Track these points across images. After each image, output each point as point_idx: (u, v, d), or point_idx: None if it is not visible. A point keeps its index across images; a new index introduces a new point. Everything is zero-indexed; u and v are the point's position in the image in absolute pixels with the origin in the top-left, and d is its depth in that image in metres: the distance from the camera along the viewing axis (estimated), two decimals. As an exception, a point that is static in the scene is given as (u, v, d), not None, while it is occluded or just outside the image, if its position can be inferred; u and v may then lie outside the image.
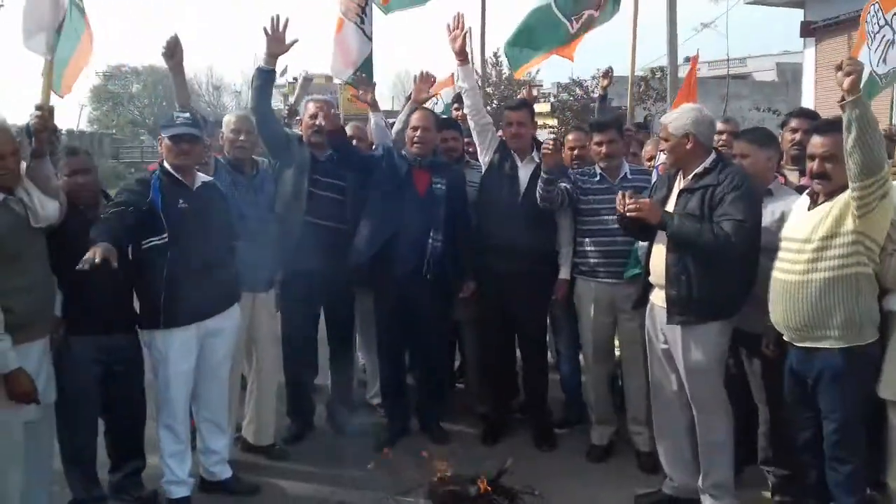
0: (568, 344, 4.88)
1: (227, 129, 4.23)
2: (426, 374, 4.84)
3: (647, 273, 3.87)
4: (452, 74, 7.29)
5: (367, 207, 4.56)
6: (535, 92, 9.61)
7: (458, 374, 5.59)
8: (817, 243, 3.15)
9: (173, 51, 4.05)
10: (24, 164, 3.29)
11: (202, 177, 3.85)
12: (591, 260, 4.43)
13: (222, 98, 53.14)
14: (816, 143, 3.25)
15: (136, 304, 3.77)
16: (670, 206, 3.71)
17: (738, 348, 3.86)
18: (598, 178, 4.48)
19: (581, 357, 4.79)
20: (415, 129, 4.54)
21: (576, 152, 4.89)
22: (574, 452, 4.61)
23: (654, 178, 4.43)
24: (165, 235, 3.55)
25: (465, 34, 4.66)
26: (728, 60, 18.97)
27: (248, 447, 4.50)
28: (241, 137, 4.22)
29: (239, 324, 3.99)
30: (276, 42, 4.25)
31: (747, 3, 16.66)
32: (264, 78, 4.35)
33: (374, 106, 4.97)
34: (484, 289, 4.68)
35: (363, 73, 5.37)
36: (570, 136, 5.06)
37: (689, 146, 3.66)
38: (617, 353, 4.59)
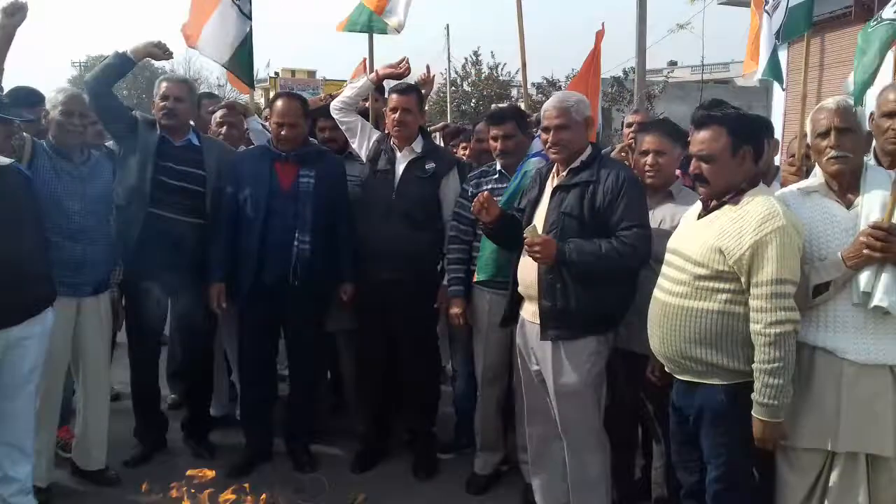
0: (463, 359, 4.34)
1: (53, 109, 3.63)
2: (294, 392, 4.30)
3: (515, 284, 3.34)
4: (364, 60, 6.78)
5: (221, 208, 4.04)
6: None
7: (333, 390, 5.04)
8: (703, 269, 2.65)
9: (14, 11, 3.45)
10: None
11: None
12: None
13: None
14: (695, 139, 2.76)
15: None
16: (543, 206, 3.21)
17: (633, 371, 3.36)
18: (496, 175, 3.96)
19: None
20: (280, 124, 3.99)
21: (482, 145, 4.37)
22: (456, 482, 4.10)
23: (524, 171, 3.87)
24: None
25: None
26: (703, 65, 18.63)
27: (76, 471, 3.94)
28: (74, 120, 3.62)
29: (48, 331, 3.42)
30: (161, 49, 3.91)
31: (720, 4, 16.28)
32: (123, 64, 3.88)
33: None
34: (362, 297, 4.14)
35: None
36: (478, 127, 4.52)
37: (586, 134, 3.17)
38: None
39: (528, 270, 3.23)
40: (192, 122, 4.25)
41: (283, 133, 3.98)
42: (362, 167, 4.24)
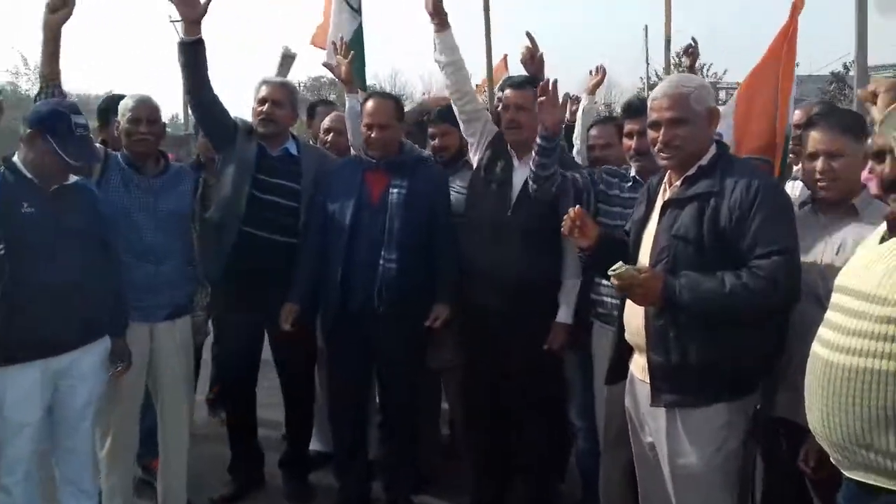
0: (583, 411, 3.51)
1: (122, 118, 3.37)
2: (390, 434, 3.73)
3: (622, 329, 2.55)
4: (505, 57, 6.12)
5: (309, 223, 3.58)
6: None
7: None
8: (892, 308, 1.72)
9: (56, 6, 3.20)
10: None
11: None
12: (611, 299, 3.09)
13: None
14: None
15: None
16: (651, 228, 2.39)
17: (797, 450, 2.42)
18: (630, 183, 3.17)
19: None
20: (369, 125, 3.47)
21: (598, 153, 3.57)
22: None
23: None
24: (1, 246, 2.72)
25: None
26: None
27: (159, 508, 3.64)
28: (142, 129, 3.32)
29: (104, 362, 3.13)
30: (186, 4, 3.36)
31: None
32: (189, 52, 3.45)
33: (349, 84, 3.95)
34: (464, 331, 3.50)
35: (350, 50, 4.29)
36: (591, 132, 3.71)
37: (709, 131, 2.37)
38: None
39: (633, 312, 2.44)
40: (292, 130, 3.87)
41: (372, 135, 3.45)
42: (474, 175, 3.60)
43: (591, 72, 5.01)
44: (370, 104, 3.51)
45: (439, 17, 3.49)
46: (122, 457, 3.42)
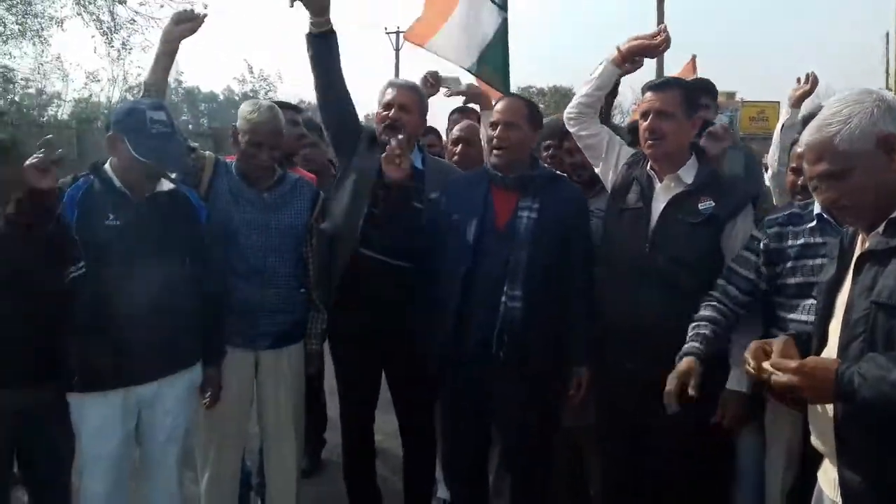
0: (753, 500, 2.73)
1: (242, 134, 3.02)
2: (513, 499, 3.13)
3: (806, 428, 1.82)
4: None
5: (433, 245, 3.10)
6: None
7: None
8: None
9: (181, 19, 3.03)
10: None
11: (160, 183, 2.76)
12: None
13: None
14: None
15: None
16: (845, 292, 1.66)
17: None
18: (813, 222, 2.42)
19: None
20: (494, 124, 2.92)
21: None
22: None
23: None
24: (82, 265, 2.53)
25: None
26: None
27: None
28: (262, 156, 2.99)
29: (191, 395, 2.86)
30: None
31: None
32: (318, 46, 3.13)
33: (484, 103, 3.46)
34: (603, 392, 2.87)
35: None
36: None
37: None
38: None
39: (818, 407, 1.70)
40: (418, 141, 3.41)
41: (496, 134, 2.89)
42: (609, 200, 2.96)
43: (798, 80, 4.10)
44: (500, 103, 2.99)
45: (638, 63, 2.97)
46: (221, 493, 3.15)
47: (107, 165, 2.67)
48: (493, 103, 3.12)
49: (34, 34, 18.25)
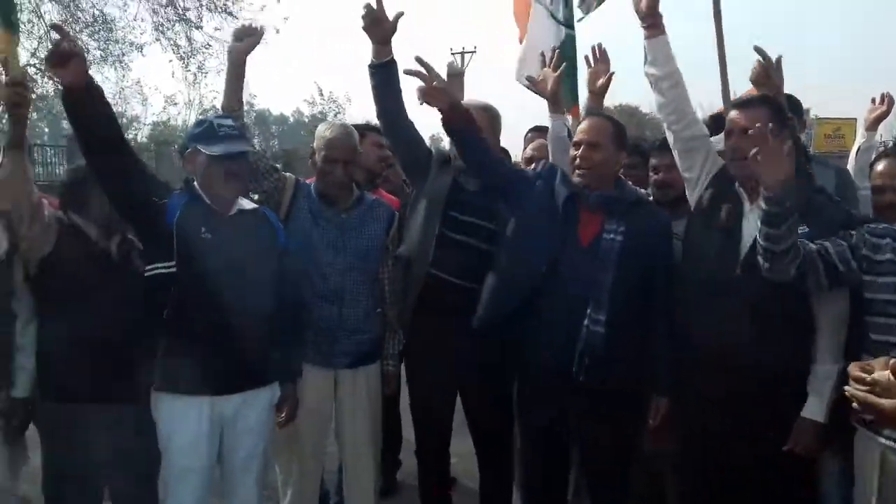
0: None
1: (318, 151, 3.09)
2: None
3: None
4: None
5: (498, 259, 3.06)
6: None
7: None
8: None
9: (242, 35, 3.07)
10: None
11: (243, 202, 2.83)
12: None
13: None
14: None
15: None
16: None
17: None
18: None
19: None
20: (578, 144, 2.87)
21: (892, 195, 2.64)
22: None
23: None
24: (173, 264, 2.59)
25: None
26: None
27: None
28: (338, 171, 3.04)
29: (268, 412, 2.88)
30: (376, 23, 3.03)
31: None
32: (380, 76, 3.13)
33: (555, 101, 3.31)
34: (684, 417, 2.77)
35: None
36: (878, 168, 2.73)
37: None
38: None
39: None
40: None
41: (579, 154, 2.83)
42: (691, 218, 2.86)
43: (873, 100, 3.91)
44: (584, 122, 2.92)
45: (653, 19, 2.82)
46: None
47: (195, 182, 2.73)
48: (578, 120, 3.06)
49: (115, 59, 18.93)
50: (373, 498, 3.25)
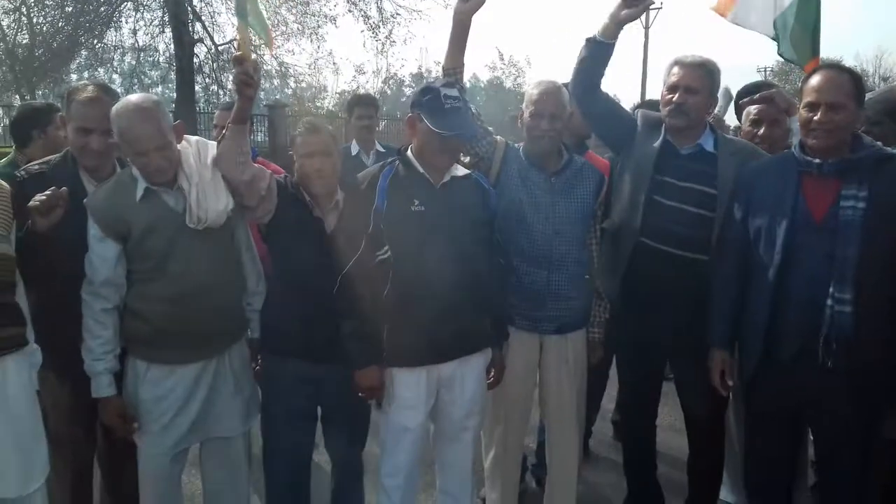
0: None
1: (526, 108, 3.04)
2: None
3: None
4: None
5: (726, 241, 2.86)
6: None
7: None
8: None
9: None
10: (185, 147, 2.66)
11: (456, 169, 2.82)
12: None
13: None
14: None
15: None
16: None
17: None
18: None
19: None
20: (812, 105, 2.56)
21: None
22: None
23: None
24: (386, 249, 2.67)
25: None
26: None
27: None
28: (543, 125, 2.96)
29: (481, 373, 2.91)
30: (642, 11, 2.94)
31: None
32: (598, 52, 3.01)
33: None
34: None
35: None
36: None
37: None
38: None
39: None
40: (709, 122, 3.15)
41: (818, 119, 2.51)
42: None
43: None
44: (817, 78, 2.58)
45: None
46: (505, 473, 3.22)
47: (409, 152, 2.77)
48: (808, 77, 2.75)
49: (311, 31, 19.89)
50: (576, 464, 3.21)
